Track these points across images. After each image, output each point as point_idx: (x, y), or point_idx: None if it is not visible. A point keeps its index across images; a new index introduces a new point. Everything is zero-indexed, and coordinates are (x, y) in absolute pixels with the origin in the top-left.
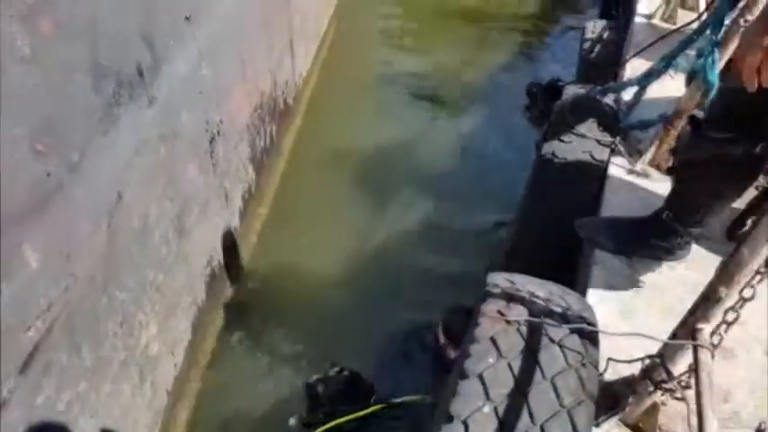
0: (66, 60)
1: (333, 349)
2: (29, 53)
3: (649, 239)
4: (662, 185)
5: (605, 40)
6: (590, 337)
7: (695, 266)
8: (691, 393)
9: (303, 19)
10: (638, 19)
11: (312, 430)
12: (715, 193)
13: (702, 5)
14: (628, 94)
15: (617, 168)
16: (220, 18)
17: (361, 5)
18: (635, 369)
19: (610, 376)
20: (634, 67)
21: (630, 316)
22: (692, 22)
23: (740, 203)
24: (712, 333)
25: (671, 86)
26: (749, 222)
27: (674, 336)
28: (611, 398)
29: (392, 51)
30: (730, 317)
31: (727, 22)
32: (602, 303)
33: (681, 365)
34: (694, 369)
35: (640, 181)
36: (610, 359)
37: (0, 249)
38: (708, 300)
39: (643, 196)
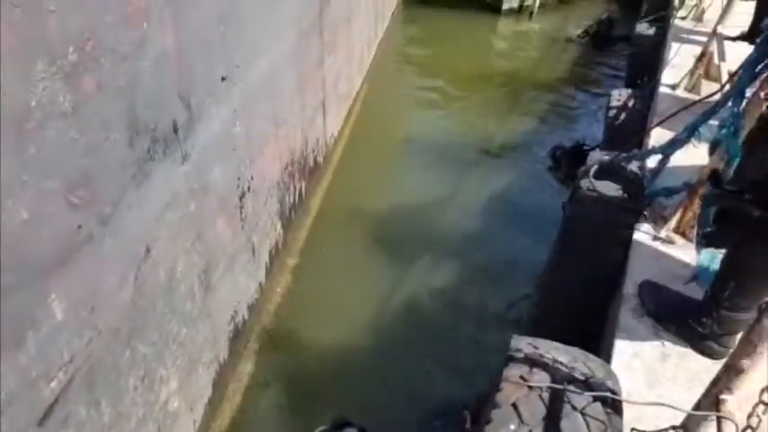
0: (105, 117)
1: (352, 406)
2: (70, 109)
3: (688, 319)
4: (686, 252)
5: (630, 108)
6: (613, 405)
7: None
8: None
9: (336, 80)
10: (662, 89)
11: None
12: (740, 259)
13: (725, 77)
14: (652, 162)
15: (642, 234)
16: (255, 78)
17: (393, 69)
18: None
19: None
20: (658, 135)
21: (656, 384)
22: (715, 93)
23: None
24: (749, 416)
25: (694, 155)
26: None
27: (697, 406)
28: None
29: (422, 113)
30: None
31: (748, 94)
32: (626, 370)
33: None
34: None
35: (665, 248)
36: (633, 429)
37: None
38: (730, 370)
39: (667, 263)
